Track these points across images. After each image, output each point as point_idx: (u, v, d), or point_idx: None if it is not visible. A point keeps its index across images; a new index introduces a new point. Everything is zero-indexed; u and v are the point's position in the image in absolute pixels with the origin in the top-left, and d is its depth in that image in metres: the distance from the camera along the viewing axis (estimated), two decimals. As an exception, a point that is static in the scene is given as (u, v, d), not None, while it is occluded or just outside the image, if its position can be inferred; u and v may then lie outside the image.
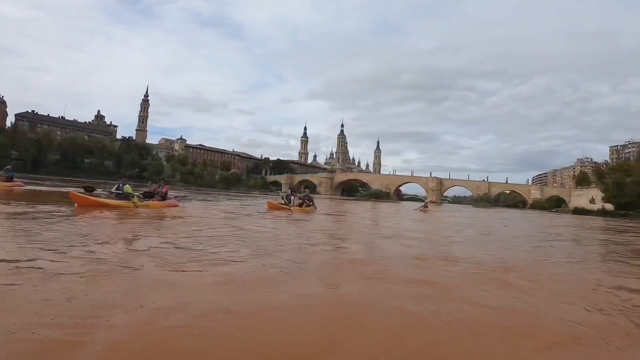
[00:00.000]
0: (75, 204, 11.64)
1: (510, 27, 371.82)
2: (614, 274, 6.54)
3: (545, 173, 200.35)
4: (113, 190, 12.97)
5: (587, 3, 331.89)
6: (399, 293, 4.18)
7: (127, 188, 12.88)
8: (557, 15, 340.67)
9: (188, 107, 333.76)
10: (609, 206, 68.39)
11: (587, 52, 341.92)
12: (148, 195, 14.80)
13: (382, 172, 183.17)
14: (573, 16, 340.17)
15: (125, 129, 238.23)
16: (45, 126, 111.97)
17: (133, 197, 12.94)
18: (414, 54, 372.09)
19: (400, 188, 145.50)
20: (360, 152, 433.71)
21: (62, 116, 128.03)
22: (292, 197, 19.81)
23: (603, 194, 72.21)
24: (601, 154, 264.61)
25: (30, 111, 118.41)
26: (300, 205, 19.57)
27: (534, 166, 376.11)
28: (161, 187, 15.89)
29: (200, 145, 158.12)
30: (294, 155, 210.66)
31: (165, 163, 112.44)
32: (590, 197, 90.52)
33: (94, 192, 13.02)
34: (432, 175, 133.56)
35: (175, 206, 15.38)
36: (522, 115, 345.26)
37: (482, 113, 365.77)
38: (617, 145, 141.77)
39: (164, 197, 15.34)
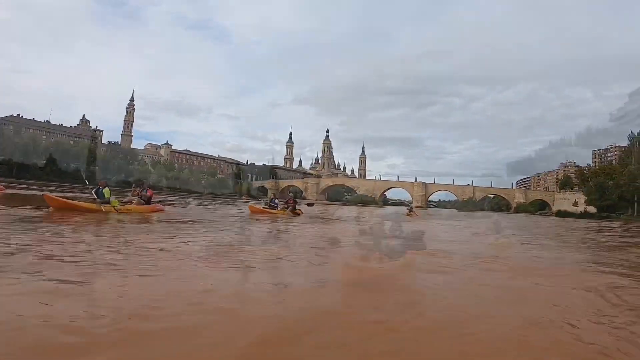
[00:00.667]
0: (50, 207, 11.44)
1: (497, 34, 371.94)
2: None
3: (529, 177, 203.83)
4: (92, 193, 12.71)
5: (573, 11, 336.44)
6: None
7: (106, 192, 12.71)
8: (543, 22, 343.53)
9: (173, 111, 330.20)
10: (592, 209, 69.79)
11: (571, 58, 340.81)
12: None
13: (367, 177, 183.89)
14: (559, 23, 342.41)
15: (111, 133, 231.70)
16: (31, 130, 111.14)
17: (112, 201, 12.75)
18: (401, 60, 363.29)
19: (386, 193, 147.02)
20: (345, 157, 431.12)
21: (47, 120, 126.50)
22: (277, 201, 19.93)
23: (586, 197, 73.75)
24: (583, 157, 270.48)
25: (15, 115, 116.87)
26: (285, 209, 19.37)
27: (518, 170, 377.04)
28: (145, 190, 15.22)
29: (186, 150, 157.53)
30: (279, 161, 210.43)
31: (151, 169, 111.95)
32: (573, 200, 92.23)
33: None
34: (417, 180, 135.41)
35: (160, 210, 14.95)
36: (506, 120, 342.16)
37: (466, 118, 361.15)
38: (599, 149, 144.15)
39: (147, 201, 14.80)
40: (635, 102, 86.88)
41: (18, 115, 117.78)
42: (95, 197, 12.49)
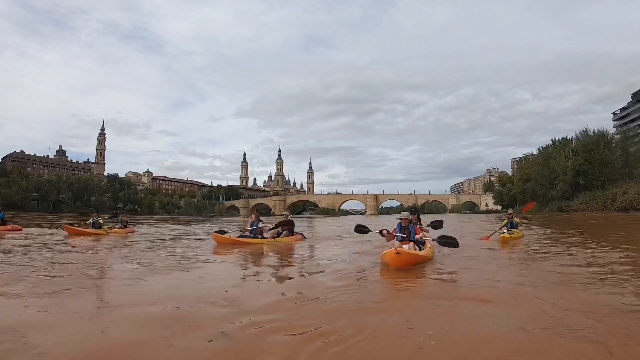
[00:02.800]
0: (66, 233, 15.70)
1: (439, 41, 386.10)
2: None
3: (462, 182, 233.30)
4: (89, 222, 16.76)
5: (511, 19, 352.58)
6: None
7: (100, 221, 16.90)
8: (484, 30, 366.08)
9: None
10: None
11: (511, 62, 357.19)
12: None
13: (315, 191, 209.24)
14: (498, 31, 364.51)
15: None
16: (34, 166, 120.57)
17: (104, 226, 16.85)
18: (345, 68, 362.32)
19: (343, 205, 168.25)
20: (287, 170, 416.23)
21: (47, 155, 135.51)
22: (261, 225, 12.67)
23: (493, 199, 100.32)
24: (520, 154, 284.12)
25: (18, 151, 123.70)
26: (277, 235, 12.92)
27: (457, 172, 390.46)
28: (124, 216, 19.48)
29: (163, 176, 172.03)
30: (218, 177, 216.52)
31: (142, 196, 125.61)
32: (493, 200, 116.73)
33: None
34: (370, 193, 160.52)
35: (133, 232, 18.69)
36: (448, 124, 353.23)
37: (409, 124, 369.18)
38: (517, 157, 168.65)
39: (125, 225, 18.57)
40: (637, 102, 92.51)
41: (22, 151, 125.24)
42: (92, 226, 16.55)
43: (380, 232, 8.42)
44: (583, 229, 20.25)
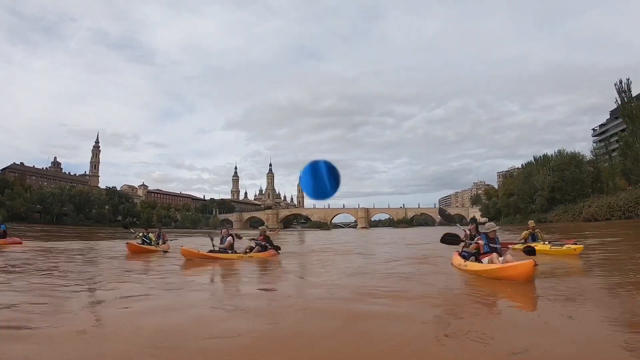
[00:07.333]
0: (128, 251, 15.23)
1: (428, 54, 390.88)
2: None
3: (450, 195, 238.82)
4: (140, 235, 16.60)
5: (500, 31, 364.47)
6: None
7: (152, 236, 17.10)
8: (473, 42, 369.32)
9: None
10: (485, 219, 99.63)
11: (499, 74, 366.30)
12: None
13: (305, 205, 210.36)
14: (487, 43, 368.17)
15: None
16: (34, 178, 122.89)
17: (154, 242, 16.91)
18: (335, 80, 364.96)
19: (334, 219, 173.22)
20: (276, 183, 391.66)
21: (46, 167, 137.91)
22: (230, 239, 12.94)
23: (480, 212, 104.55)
24: (507, 167, 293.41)
25: (17, 163, 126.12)
26: (250, 250, 13.09)
27: (446, 185, 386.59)
28: (161, 233, 19.48)
29: (158, 190, 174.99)
30: (206, 189, 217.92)
31: (140, 209, 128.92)
32: (480, 213, 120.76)
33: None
34: (360, 207, 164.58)
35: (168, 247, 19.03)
36: (436, 137, 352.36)
37: (398, 137, 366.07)
38: (503, 171, 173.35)
39: (165, 241, 18.64)
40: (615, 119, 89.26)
41: (21, 163, 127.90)
42: (143, 241, 16.15)
43: (465, 240, 8.43)
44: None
